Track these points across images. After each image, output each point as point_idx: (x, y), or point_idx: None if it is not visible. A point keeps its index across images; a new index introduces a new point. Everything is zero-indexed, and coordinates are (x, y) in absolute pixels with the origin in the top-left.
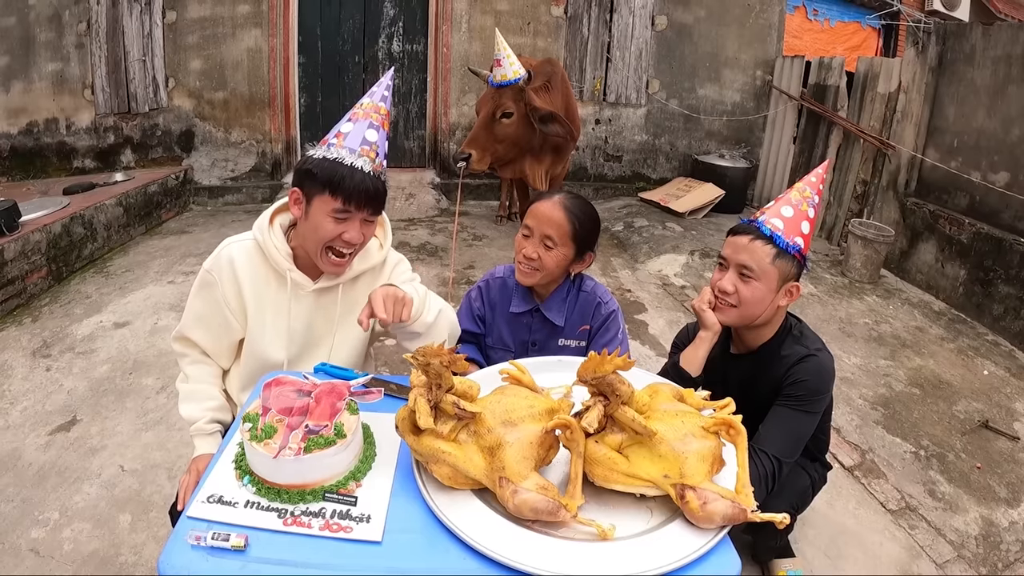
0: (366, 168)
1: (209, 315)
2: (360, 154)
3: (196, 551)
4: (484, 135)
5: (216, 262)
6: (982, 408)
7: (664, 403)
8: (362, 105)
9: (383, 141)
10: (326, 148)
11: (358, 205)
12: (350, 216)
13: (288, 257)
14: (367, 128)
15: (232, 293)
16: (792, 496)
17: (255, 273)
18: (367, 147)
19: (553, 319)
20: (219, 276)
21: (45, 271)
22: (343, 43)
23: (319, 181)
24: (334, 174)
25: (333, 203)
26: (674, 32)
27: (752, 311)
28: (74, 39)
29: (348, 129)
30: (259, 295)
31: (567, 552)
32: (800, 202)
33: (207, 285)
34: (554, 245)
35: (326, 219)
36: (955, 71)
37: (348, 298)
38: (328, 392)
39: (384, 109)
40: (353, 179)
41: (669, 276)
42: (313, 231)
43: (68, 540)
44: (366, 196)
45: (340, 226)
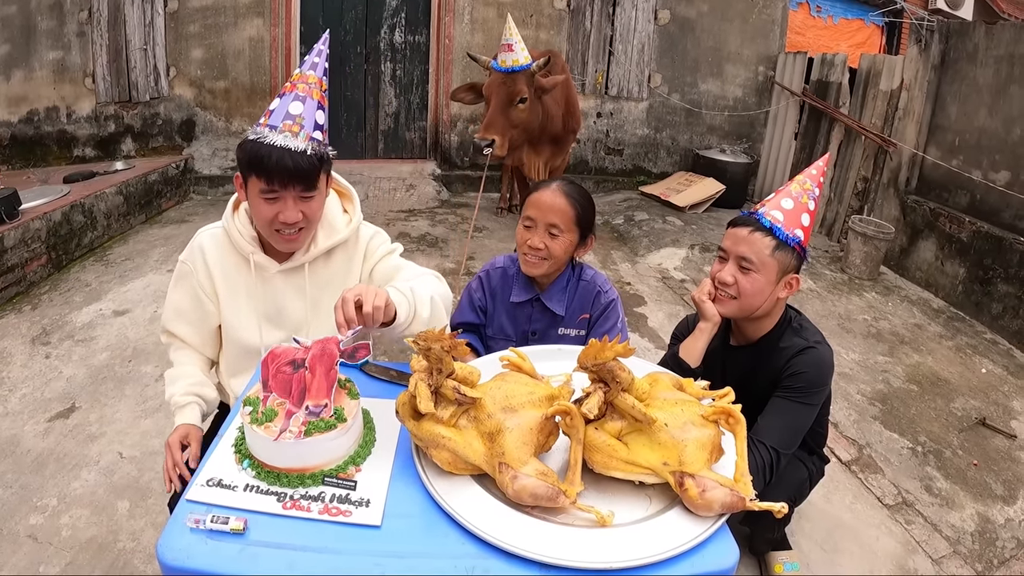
0: (288, 144)
1: (188, 305)
2: (281, 130)
3: (195, 534)
4: (502, 120)
5: (190, 252)
6: (979, 406)
7: (664, 391)
8: (291, 78)
9: (312, 112)
10: (254, 129)
11: (283, 183)
12: (279, 195)
13: (252, 241)
14: (292, 101)
15: (205, 279)
16: (790, 488)
17: (224, 259)
18: (289, 121)
19: (554, 308)
20: (193, 265)
21: (45, 259)
22: (345, 33)
23: (244, 164)
24: (254, 155)
25: (260, 184)
26: (677, 26)
27: (751, 303)
28: (75, 27)
29: (275, 106)
30: (229, 280)
31: (566, 538)
32: (800, 194)
33: (183, 276)
34: (560, 232)
35: (259, 201)
36: (957, 70)
37: (319, 277)
38: (320, 356)
39: (313, 78)
40: (271, 158)
41: (669, 270)
42: (255, 214)
43: (66, 526)
44: (288, 174)
45: (273, 207)
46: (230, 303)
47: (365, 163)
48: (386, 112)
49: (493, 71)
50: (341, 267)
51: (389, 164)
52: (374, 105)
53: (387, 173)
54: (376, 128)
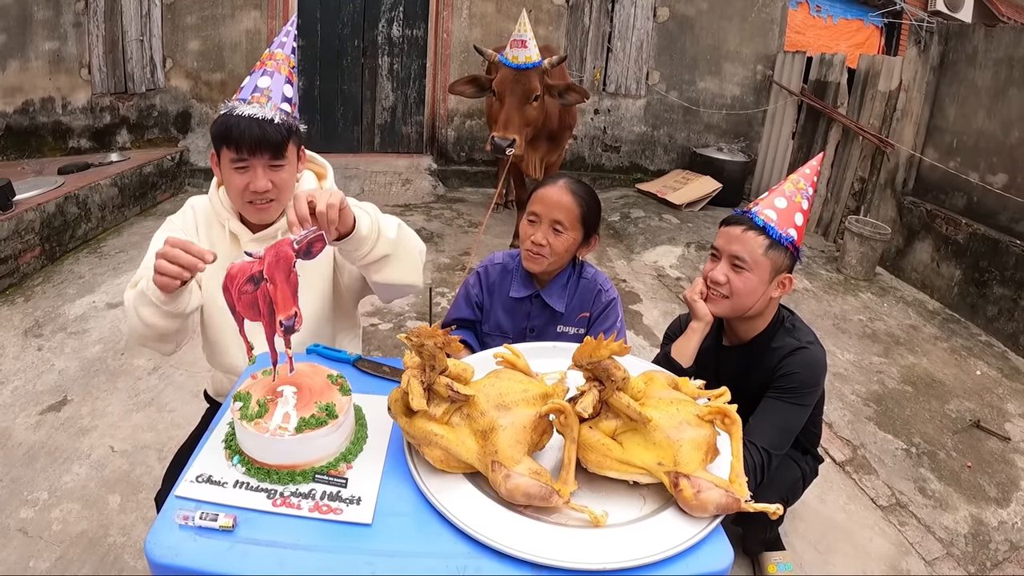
0: (256, 114)
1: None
2: (250, 102)
3: (184, 531)
4: (518, 118)
5: (180, 213)
6: (974, 408)
7: (659, 391)
8: (260, 57)
9: (280, 85)
10: (226, 103)
11: (251, 151)
12: (248, 164)
13: (230, 210)
14: (260, 76)
15: (193, 236)
16: (783, 488)
17: (209, 227)
18: (257, 93)
19: (554, 305)
20: (183, 220)
21: (38, 250)
22: (343, 27)
23: (215, 137)
24: (224, 126)
25: (230, 154)
26: (676, 24)
27: (744, 302)
28: (71, 18)
29: (245, 83)
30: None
31: (559, 538)
32: (794, 193)
33: (168, 224)
34: (564, 230)
35: (230, 172)
36: (956, 72)
37: None
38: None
39: (281, 55)
40: (239, 127)
41: (664, 267)
42: (227, 187)
43: (57, 520)
44: (255, 141)
45: (244, 176)
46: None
47: (361, 157)
48: (383, 106)
49: (504, 67)
50: None
51: (385, 158)
52: (371, 99)
53: (383, 167)
54: (373, 122)
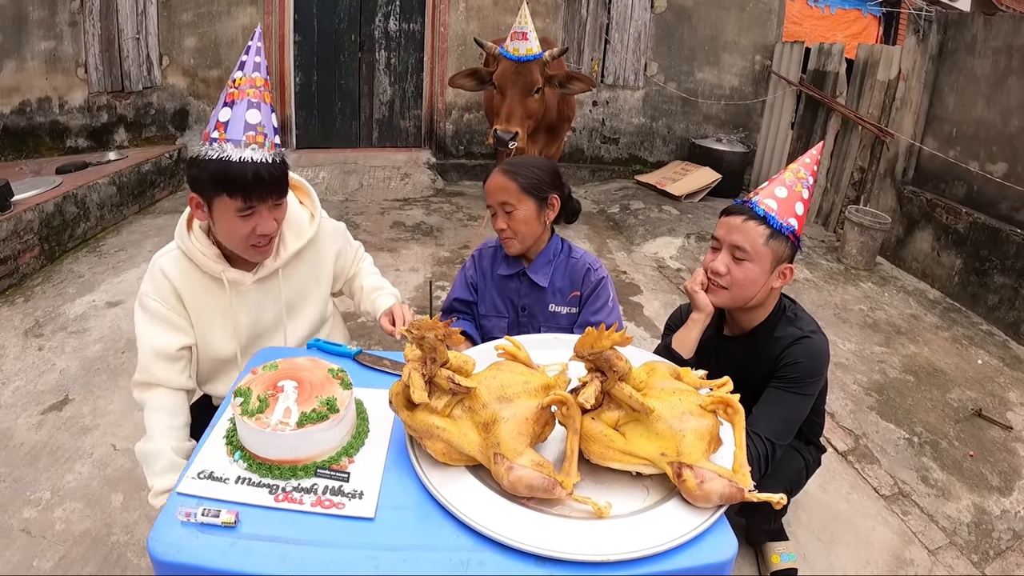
0: (256, 157)
1: (160, 334)
2: (246, 143)
3: (186, 527)
4: (520, 111)
5: (152, 282)
6: (975, 396)
7: (661, 381)
8: (235, 82)
9: (268, 117)
10: (209, 145)
11: (260, 198)
12: (255, 210)
13: (218, 258)
14: (247, 109)
15: (175, 302)
16: (786, 479)
17: (190, 281)
18: (252, 132)
19: (538, 280)
20: (158, 293)
21: (37, 250)
22: (339, 21)
23: (212, 185)
24: (226, 175)
25: (234, 204)
26: (673, 15)
27: (745, 292)
28: (67, 17)
29: (227, 116)
30: (200, 302)
31: (562, 530)
32: (794, 183)
33: (149, 310)
34: (513, 207)
35: (232, 220)
36: (955, 60)
37: (291, 281)
38: None
39: (260, 79)
40: (246, 175)
41: (665, 259)
42: (227, 234)
43: (60, 520)
44: (265, 187)
45: (250, 222)
46: (203, 323)
47: (359, 152)
48: (380, 100)
49: (504, 59)
50: (310, 267)
51: (384, 153)
52: (368, 94)
53: (382, 162)
54: (371, 117)
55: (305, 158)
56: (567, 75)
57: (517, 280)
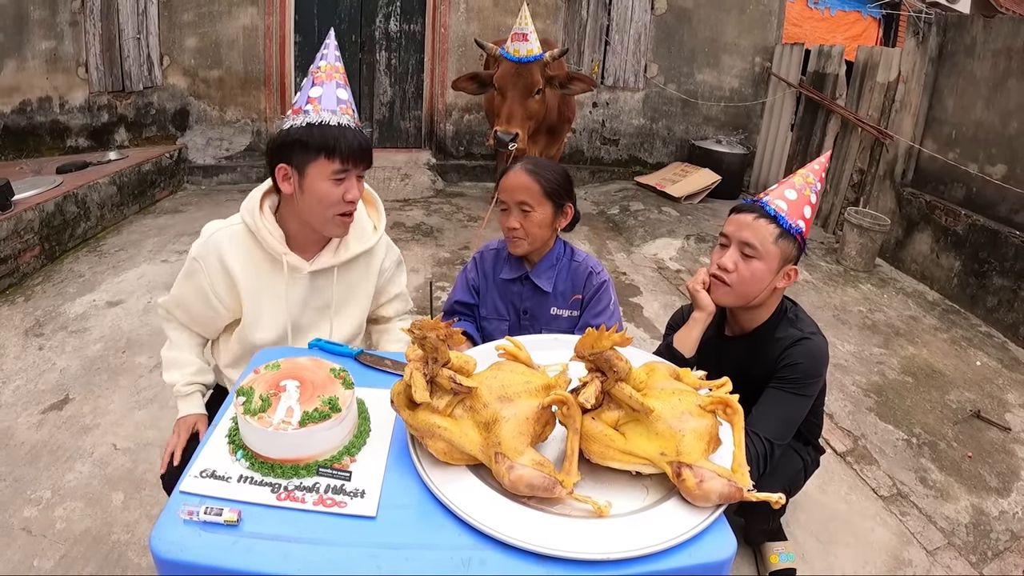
0: (352, 125)
1: (193, 302)
2: (340, 112)
3: (188, 526)
4: (521, 112)
5: (203, 250)
6: (974, 398)
7: (661, 381)
8: (320, 68)
9: (352, 100)
10: (304, 115)
11: (355, 162)
12: (348, 175)
13: (282, 240)
14: (337, 88)
15: (221, 282)
16: (785, 479)
17: (247, 259)
18: (344, 105)
19: (541, 285)
20: (205, 263)
21: (38, 250)
22: (340, 22)
23: (312, 148)
24: (327, 137)
25: (331, 165)
26: (673, 16)
27: (750, 290)
28: (68, 17)
29: (318, 93)
30: (253, 281)
31: (563, 529)
32: (803, 187)
33: (193, 273)
34: (531, 208)
35: (327, 184)
36: (955, 63)
37: (343, 281)
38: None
39: (341, 68)
40: (346, 137)
41: (664, 260)
42: (316, 201)
43: (60, 519)
44: (361, 151)
45: (341, 187)
46: (252, 304)
47: None
48: (381, 101)
49: (505, 60)
50: (361, 274)
51: (384, 153)
52: (369, 94)
53: (382, 162)
54: (371, 117)
55: None
56: (568, 76)
57: (519, 284)
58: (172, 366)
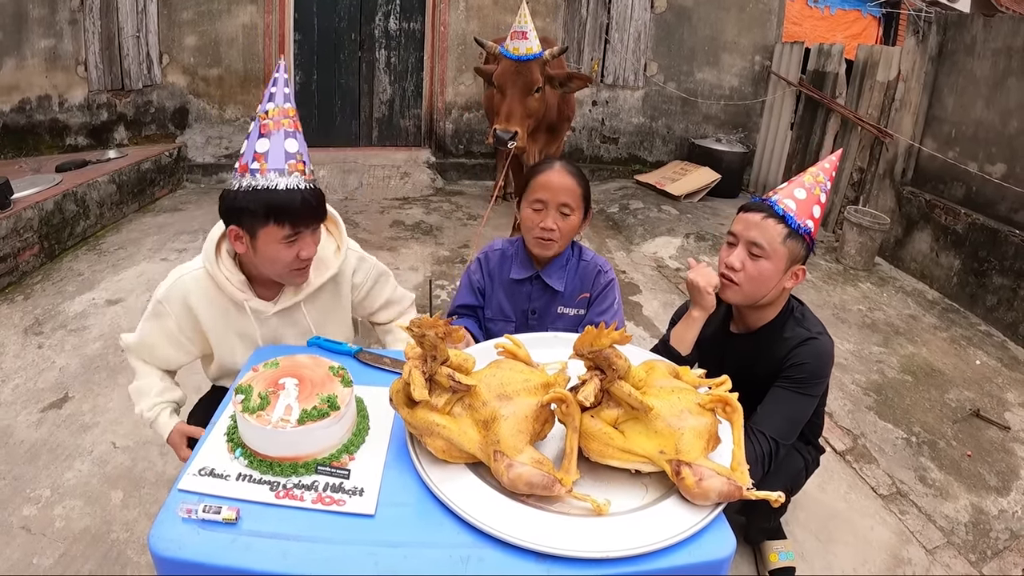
0: (301, 185)
1: (158, 343)
2: (289, 171)
3: (187, 524)
4: (520, 110)
5: (168, 294)
6: (973, 397)
7: (660, 379)
8: (267, 113)
9: (303, 146)
10: (251, 176)
11: (306, 224)
12: (300, 236)
13: (243, 285)
14: (286, 138)
15: (188, 324)
16: (786, 478)
17: (211, 303)
18: (293, 160)
19: (554, 285)
20: (171, 308)
21: (37, 248)
22: (339, 20)
23: (259, 215)
24: (273, 204)
25: (281, 231)
26: (673, 15)
27: (758, 290)
28: (67, 15)
29: (265, 147)
30: (219, 323)
31: (562, 527)
32: (813, 186)
33: (159, 315)
34: (571, 211)
35: (278, 247)
36: (955, 62)
37: (315, 309)
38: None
39: (292, 110)
40: (295, 202)
41: (664, 258)
42: (269, 262)
43: (60, 517)
44: (311, 213)
45: (294, 248)
46: (223, 342)
47: (359, 151)
48: (380, 100)
49: (504, 58)
50: (331, 299)
51: (383, 152)
52: (368, 93)
53: (381, 161)
54: (370, 116)
55: None
56: (567, 74)
57: (529, 284)
58: (138, 397)
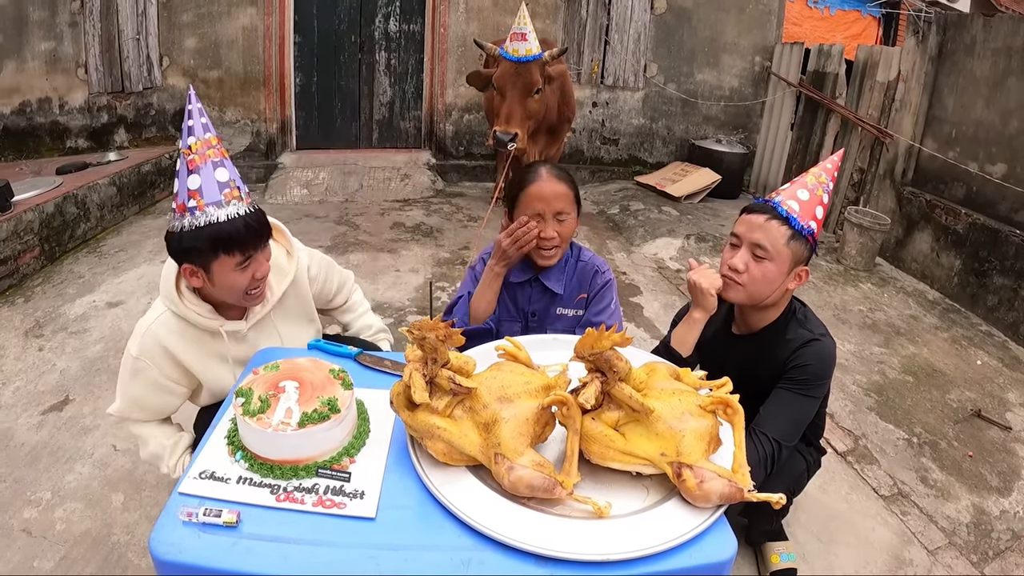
0: (241, 211)
1: (146, 396)
2: (226, 201)
3: (187, 527)
4: (520, 112)
5: (143, 347)
6: (975, 397)
7: (661, 381)
8: (191, 148)
9: (234, 171)
10: (191, 215)
11: (254, 247)
12: (251, 259)
13: (211, 313)
14: (215, 169)
15: (170, 367)
16: (788, 479)
17: (186, 339)
18: (227, 189)
19: (553, 287)
20: (150, 360)
21: (38, 251)
22: (339, 22)
23: (207, 250)
24: (219, 236)
25: (233, 260)
26: (673, 16)
27: (762, 291)
28: (67, 17)
29: (197, 183)
30: (198, 356)
31: (563, 530)
32: (816, 187)
33: (139, 371)
34: (567, 216)
35: (233, 274)
36: (955, 62)
37: (282, 317)
38: None
39: (214, 139)
40: (239, 230)
41: (664, 260)
42: (228, 290)
43: (60, 520)
44: (256, 236)
45: (248, 271)
46: (205, 370)
47: (359, 152)
48: (380, 101)
49: (503, 60)
50: (296, 301)
51: (384, 153)
52: (368, 94)
53: (382, 163)
54: (371, 117)
55: (305, 159)
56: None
57: (529, 287)
58: (157, 461)
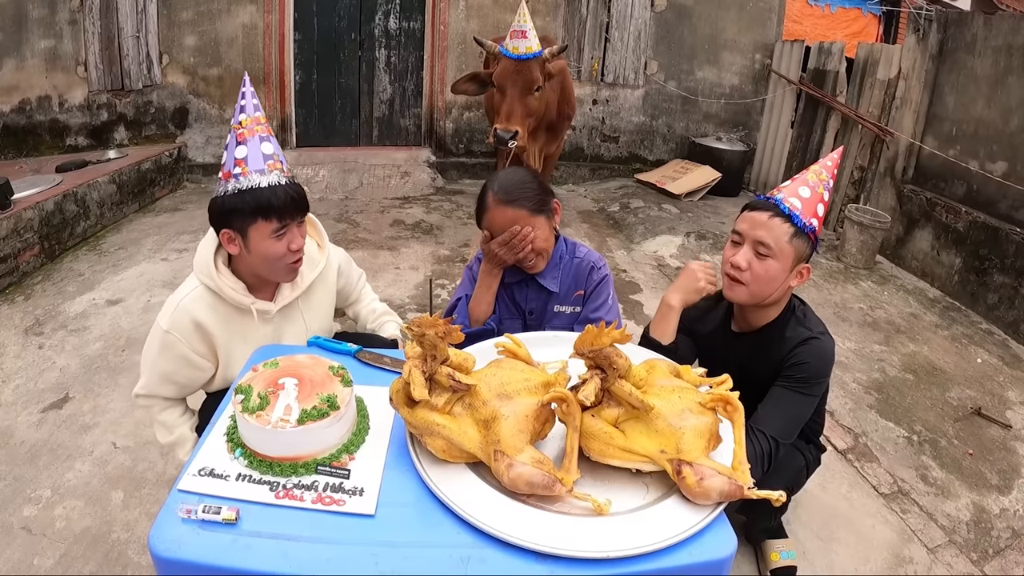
0: (282, 181)
1: (177, 370)
2: (268, 170)
3: (187, 524)
4: (520, 109)
5: (174, 322)
6: (975, 395)
7: (661, 379)
8: (242, 123)
9: (278, 148)
10: (235, 180)
11: (292, 216)
12: (287, 228)
13: (245, 292)
14: (261, 142)
15: (200, 342)
16: (787, 477)
17: (218, 316)
18: (271, 161)
19: (549, 286)
20: (180, 334)
21: (38, 249)
22: (339, 20)
23: (247, 213)
24: (259, 201)
25: (270, 226)
26: (673, 13)
27: (764, 289)
28: (67, 15)
29: (244, 153)
30: (227, 333)
31: (562, 527)
32: (817, 184)
33: (170, 346)
34: (532, 227)
35: (269, 242)
36: (955, 60)
37: (308, 307)
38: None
39: (263, 118)
40: (279, 197)
41: (665, 257)
42: (263, 259)
43: (60, 518)
44: (294, 206)
45: (284, 241)
46: (228, 349)
47: (359, 150)
48: (380, 99)
49: (504, 58)
50: (321, 293)
51: (384, 151)
52: (368, 92)
53: (382, 160)
54: (370, 115)
55: (305, 156)
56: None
57: (525, 286)
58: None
